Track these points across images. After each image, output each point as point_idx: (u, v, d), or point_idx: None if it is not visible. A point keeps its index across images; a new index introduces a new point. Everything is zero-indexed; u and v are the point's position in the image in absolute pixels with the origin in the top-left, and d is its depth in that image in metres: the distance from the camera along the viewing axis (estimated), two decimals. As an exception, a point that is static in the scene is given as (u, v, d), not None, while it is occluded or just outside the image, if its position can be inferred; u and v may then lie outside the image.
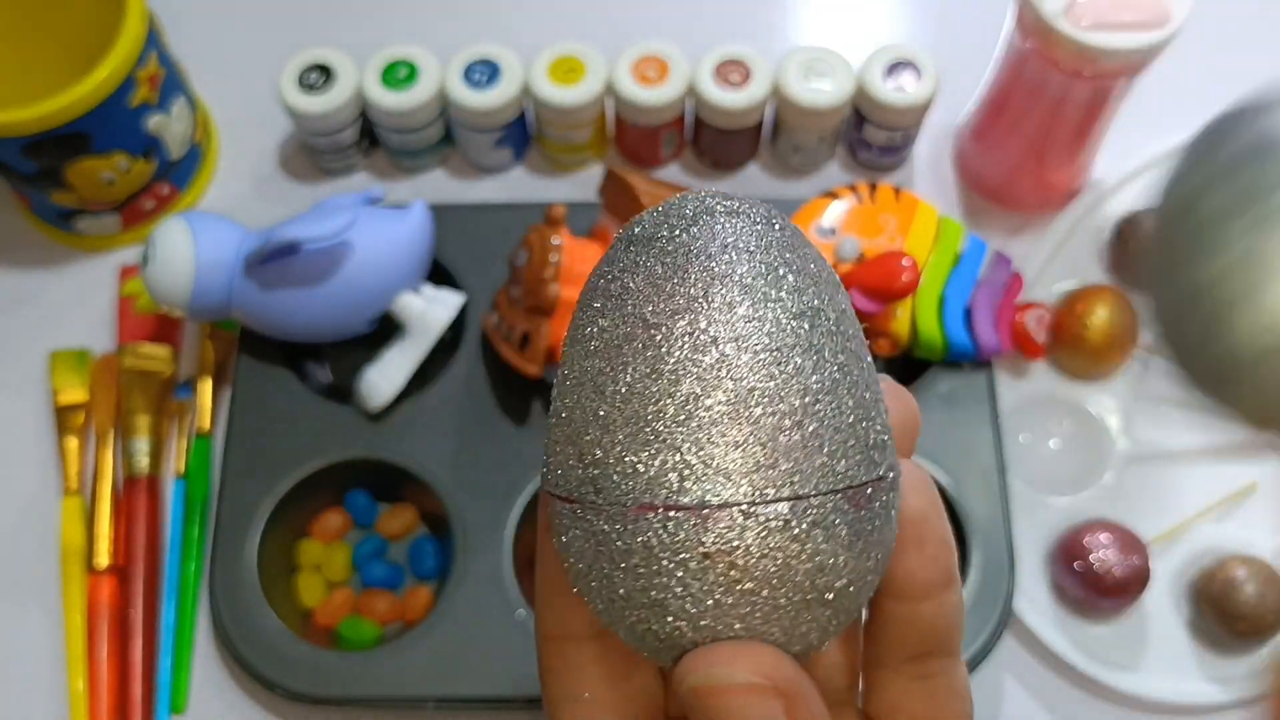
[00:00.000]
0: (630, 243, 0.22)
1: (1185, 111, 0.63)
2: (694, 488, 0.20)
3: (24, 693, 0.53)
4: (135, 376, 0.57)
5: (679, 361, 0.20)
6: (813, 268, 0.21)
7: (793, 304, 0.21)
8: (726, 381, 0.20)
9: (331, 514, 0.55)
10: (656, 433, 0.20)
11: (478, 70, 0.59)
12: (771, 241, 0.21)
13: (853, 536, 0.21)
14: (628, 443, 0.20)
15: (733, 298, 0.20)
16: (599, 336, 0.21)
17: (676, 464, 0.20)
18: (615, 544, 0.21)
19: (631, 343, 0.20)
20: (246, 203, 0.64)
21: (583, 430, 0.21)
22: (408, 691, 0.49)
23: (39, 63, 0.60)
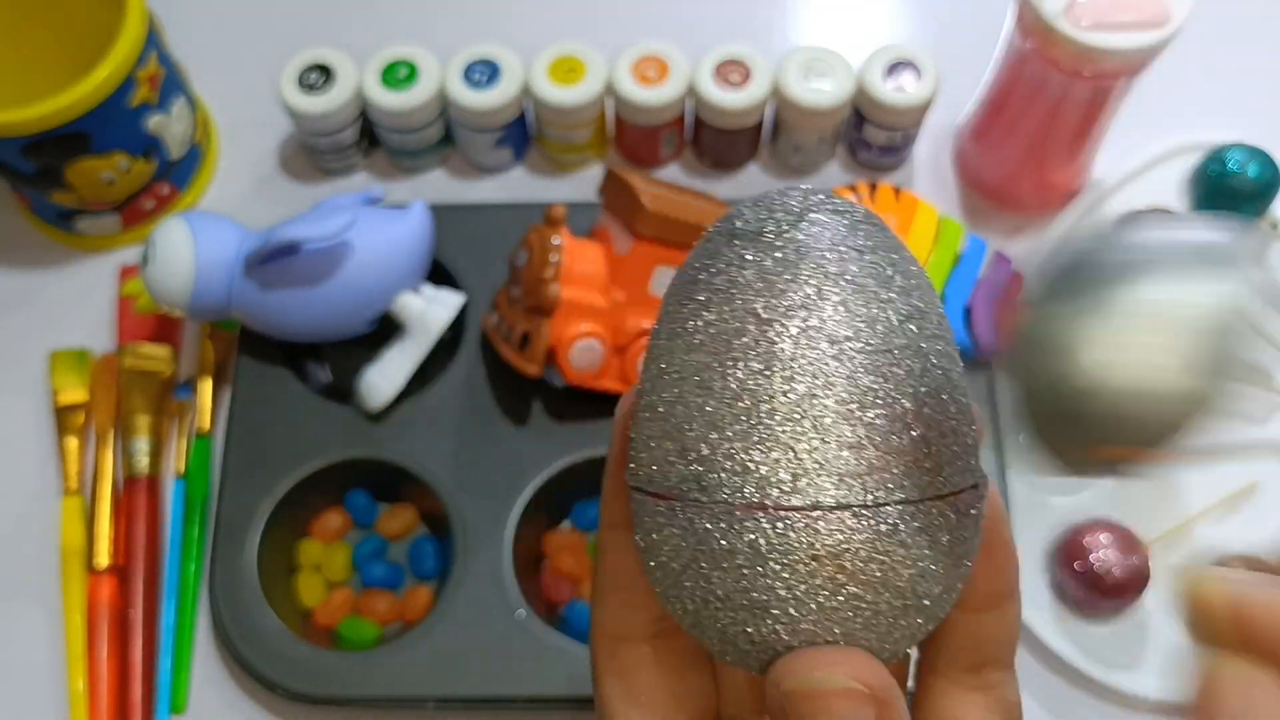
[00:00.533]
0: (733, 236, 0.21)
1: (1185, 111, 0.63)
2: (808, 488, 0.19)
3: (24, 693, 0.53)
4: (135, 376, 0.57)
5: (793, 358, 0.20)
6: (914, 269, 0.21)
7: (902, 305, 0.20)
8: (842, 380, 0.19)
9: (331, 514, 0.55)
10: (770, 430, 0.20)
11: (478, 70, 0.59)
12: (877, 243, 0.21)
13: (951, 543, 0.20)
14: (738, 440, 0.20)
15: (846, 297, 0.20)
16: (704, 330, 0.20)
17: (790, 463, 0.19)
18: (719, 543, 0.20)
19: (742, 337, 0.20)
20: (246, 203, 0.64)
21: (686, 425, 0.20)
22: (408, 691, 0.49)
23: (39, 63, 0.60)
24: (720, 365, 0.20)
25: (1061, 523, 0.53)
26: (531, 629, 0.50)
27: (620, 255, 0.50)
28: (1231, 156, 0.58)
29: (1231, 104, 0.65)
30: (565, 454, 0.53)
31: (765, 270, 0.20)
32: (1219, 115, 0.62)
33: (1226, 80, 0.66)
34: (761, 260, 0.20)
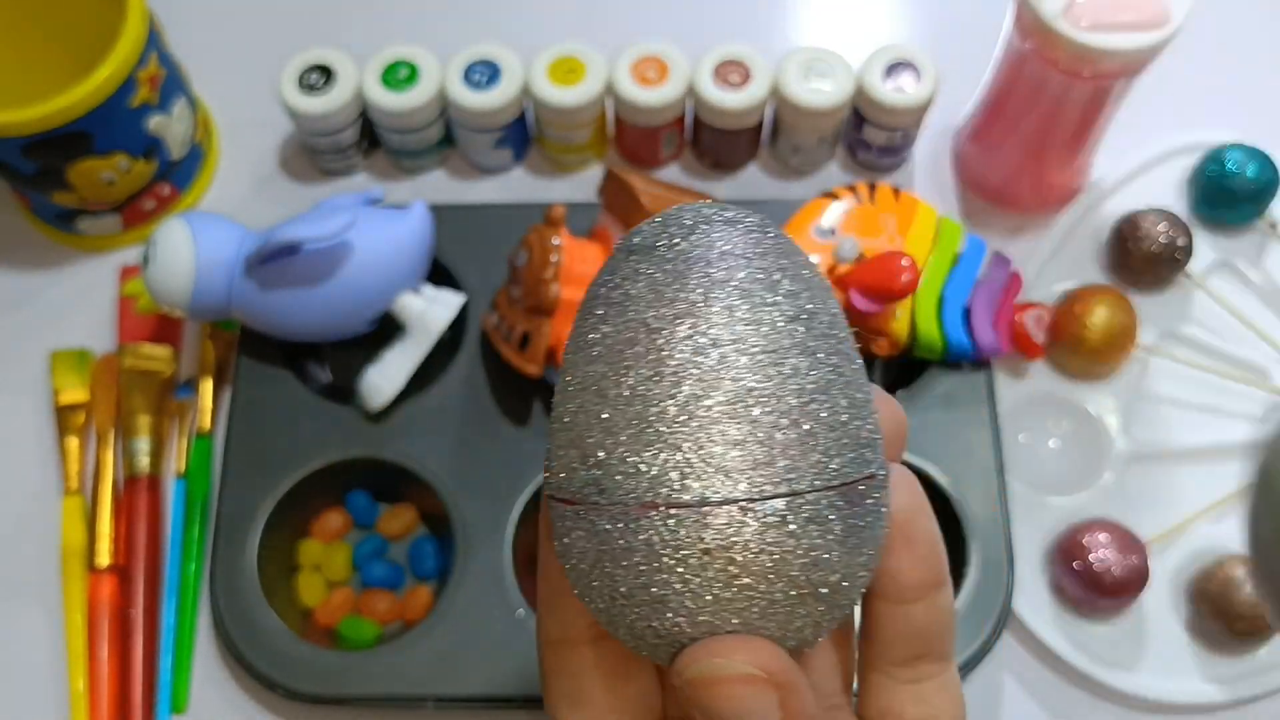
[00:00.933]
0: (630, 252, 0.22)
1: (1185, 112, 0.63)
2: (695, 485, 0.20)
3: (25, 692, 0.53)
4: (136, 376, 0.57)
5: (680, 364, 0.21)
6: (806, 273, 0.22)
7: (789, 307, 0.21)
8: (726, 382, 0.21)
9: (332, 514, 0.55)
10: (659, 433, 0.21)
11: (478, 71, 0.59)
12: (767, 249, 0.22)
13: (846, 532, 0.21)
14: (630, 443, 0.21)
15: (731, 302, 0.21)
16: (601, 343, 0.22)
17: (678, 463, 0.21)
18: (618, 543, 0.21)
19: (634, 347, 0.21)
20: (247, 203, 0.64)
21: (585, 433, 0.22)
22: (408, 691, 0.49)
23: (40, 63, 0.60)
24: (615, 374, 0.21)
25: (1060, 522, 0.54)
26: (531, 628, 0.50)
27: (620, 255, 0.50)
28: (1230, 157, 0.58)
29: (1230, 104, 0.65)
30: (565, 454, 0.53)
31: (655, 282, 0.21)
32: (1218, 116, 0.63)
33: (1225, 81, 0.66)
34: (653, 273, 0.22)
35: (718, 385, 0.21)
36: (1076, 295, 0.56)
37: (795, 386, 0.21)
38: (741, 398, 0.20)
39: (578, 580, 0.22)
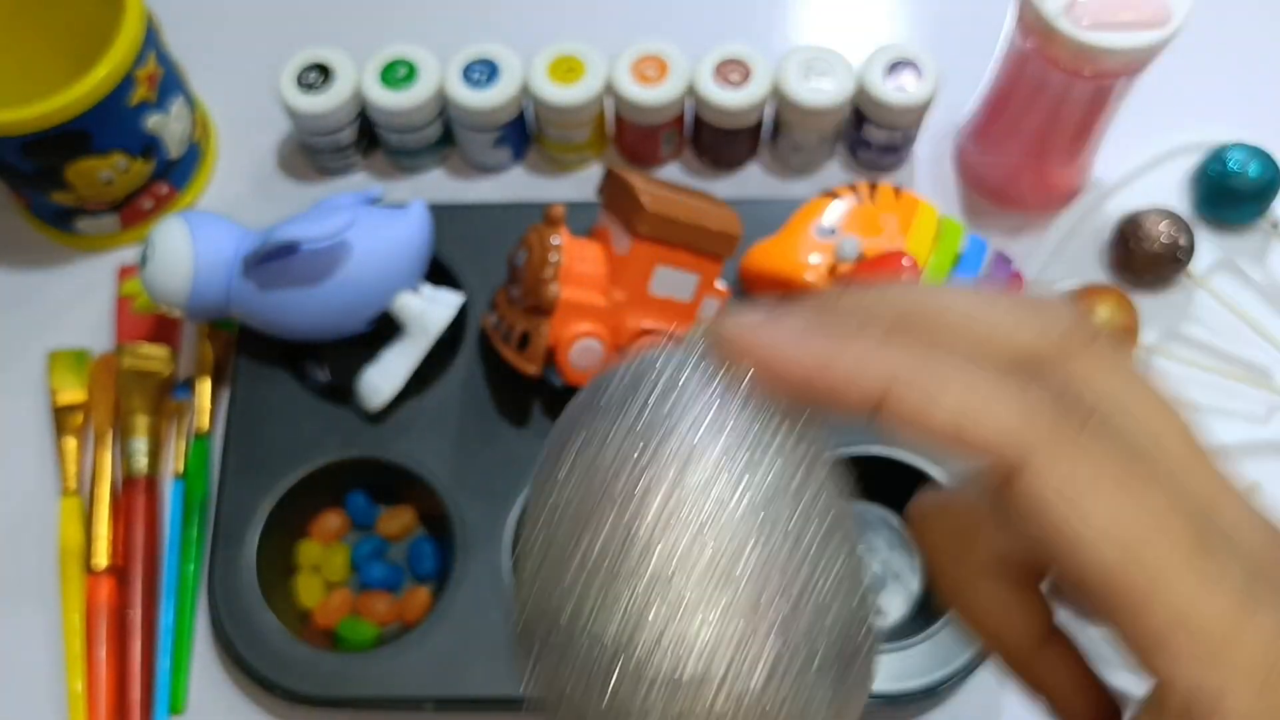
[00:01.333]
0: (598, 413, 0.21)
1: (1186, 111, 0.63)
2: (664, 659, 0.20)
3: (23, 693, 0.53)
4: (134, 377, 0.57)
5: (651, 539, 0.20)
6: (787, 442, 0.21)
7: (771, 483, 0.20)
8: (700, 562, 0.20)
9: (330, 515, 0.55)
10: (630, 602, 0.20)
11: (477, 69, 0.59)
12: (747, 417, 0.21)
13: (835, 690, 0.20)
14: (598, 612, 0.20)
15: (707, 478, 0.20)
16: (566, 507, 0.21)
17: (655, 633, 0.20)
18: (581, 696, 0.20)
19: (600, 516, 0.20)
20: (245, 202, 0.64)
21: (551, 589, 0.21)
22: (406, 692, 0.49)
23: (38, 62, 0.60)
24: (579, 540, 0.20)
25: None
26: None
27: (620, 255, 0.50)
28: (1232, 156, 0.58)
29: (1232, 103, 0.65)
30: (565, 454, 0.53)
31: (623, 450, 0.20)
32: (1220, 115, 0.62)
33: (1227, 80, 0.66)
34: (621, 441, 0.21)
35: (692, 563, 0.20)
36: (1078, 295, 0.56)
37: (786, 549, 0.20)
38: (718, 577, 0.20)
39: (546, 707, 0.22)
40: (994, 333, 0.20)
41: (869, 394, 0.19)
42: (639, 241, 0.49)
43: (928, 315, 0.20)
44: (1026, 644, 0.23)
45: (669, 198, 0.50)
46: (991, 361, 0.19)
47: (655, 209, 0.48)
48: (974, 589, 0.23)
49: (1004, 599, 0.23)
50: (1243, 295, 0.59)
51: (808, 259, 0.53)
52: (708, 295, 0.52)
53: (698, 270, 0.51)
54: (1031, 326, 0.20)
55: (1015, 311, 0.20)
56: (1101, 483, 0.18)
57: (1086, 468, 0.18)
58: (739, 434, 0.20)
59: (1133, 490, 0.18)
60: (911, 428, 0.19)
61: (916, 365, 0.19)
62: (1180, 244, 0.57)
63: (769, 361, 0.20)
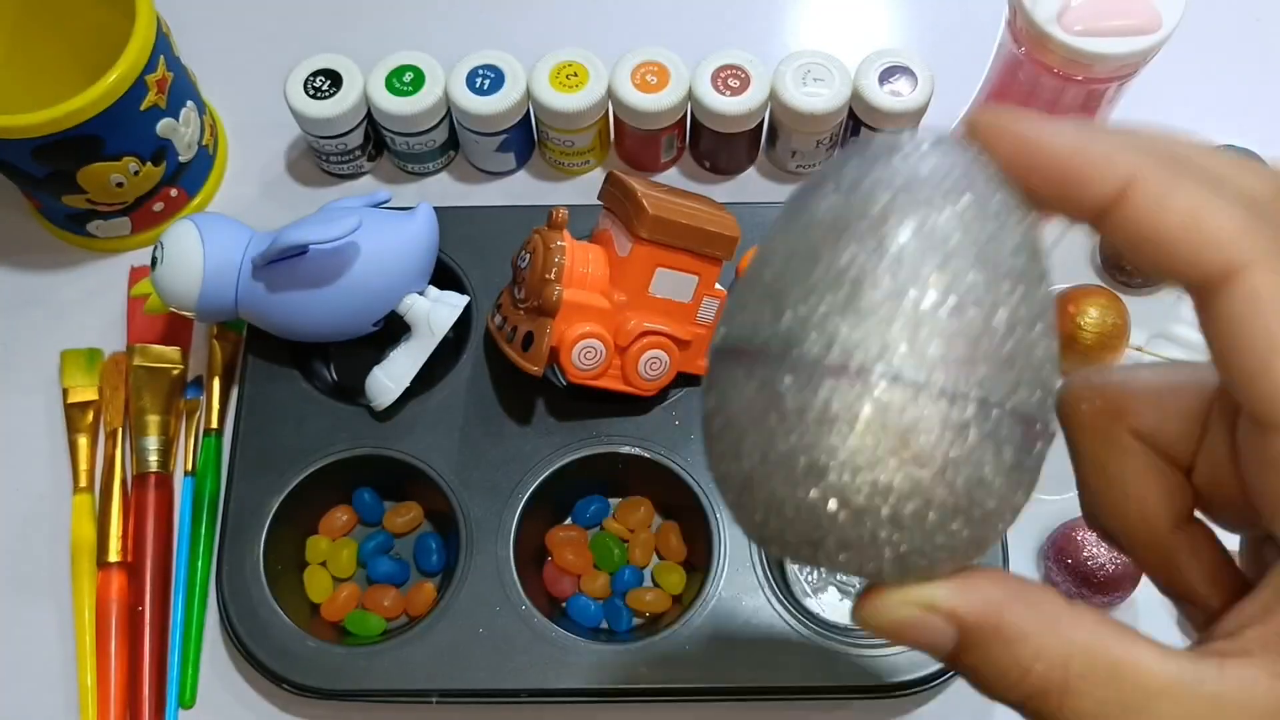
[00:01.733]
0: (877, 150, 0.22)
1: (1176, 115, 0.64)
2: (893, 362, 0.20)
3: (35, 687, 0.54)
4: (145, 376, 0.58)
5: (905, 250, 0.20)
6: (1034, 217, 0.22)
7: (1021, 237, 0.21)
8: (947, 279, 0.20)
9: (338, 511, 0.56)
10: (869, 306, 0.20)
11: (481, 76, 0.60)
12: (1009, 188, 0.22)
13: (1014, 464, 0.21)
14: (836, 309, 0.20)
15: (972, 214, 0.21)
16: (829, 211, 0.21)
17: (879, 338, 0.20)
18: (791, 401, 0.20)
19: (861, 221, 0.21)
20: (254, 206, 0.65)
21: (788, 290, 0.21)
22: (412, 685, 0.50)
23: (50, 68, 0.61)
24: (836, 242, 0.21)
25: (1053, 519, 0.54)
26: (534, 623, 0.51)
27: (621, 257, 0.51)
28: (1222, 160, 0.59)
29: (1222, 107, 0.65)
30: (568, 451, 0.54)
31: (891, 177, 0.21)
32: (1210, 119, 0.63)
33: (1217, 84, 0.67)
34: (889, 171, 0.21)
35: (938, 281, 0.20)
36: (1069, 295, 0.57)
37: (1009, 308, 0.21)
38: (959, 299, 0.20)
39: (725, 438, 0.22)
40: (1228, 170, 0.21)
41: (1113, 184, 0.20)
42: (640, 244, 0.50)
43: (1175, 144, 0.22)
44: (1166, 526, 0.24)
45: (669, 202, 0.51)
46: (1225, 190, 0.20)
47: (656, 212, 0.49)
48: (1120, 465, 0.24)
49: (1148, 477, 0.24)
50: (1232, 296, 0.60)
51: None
52: (707, 296, 0.53)
53: (697, 272, 0.52)
54: (1261, 175, 0.21)
55: (1249, 164, 0.22)
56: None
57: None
58: (1004, 198, 0.21)
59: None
60: (1144, 223, 0.20)
61: (1160, 163, 0.20)
62: (1171, 246, 0.57)
63: (1025, 142, 0.21)
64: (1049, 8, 0.50)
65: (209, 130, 0.65)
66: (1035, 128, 0.21)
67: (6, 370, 0.61)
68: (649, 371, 0.53)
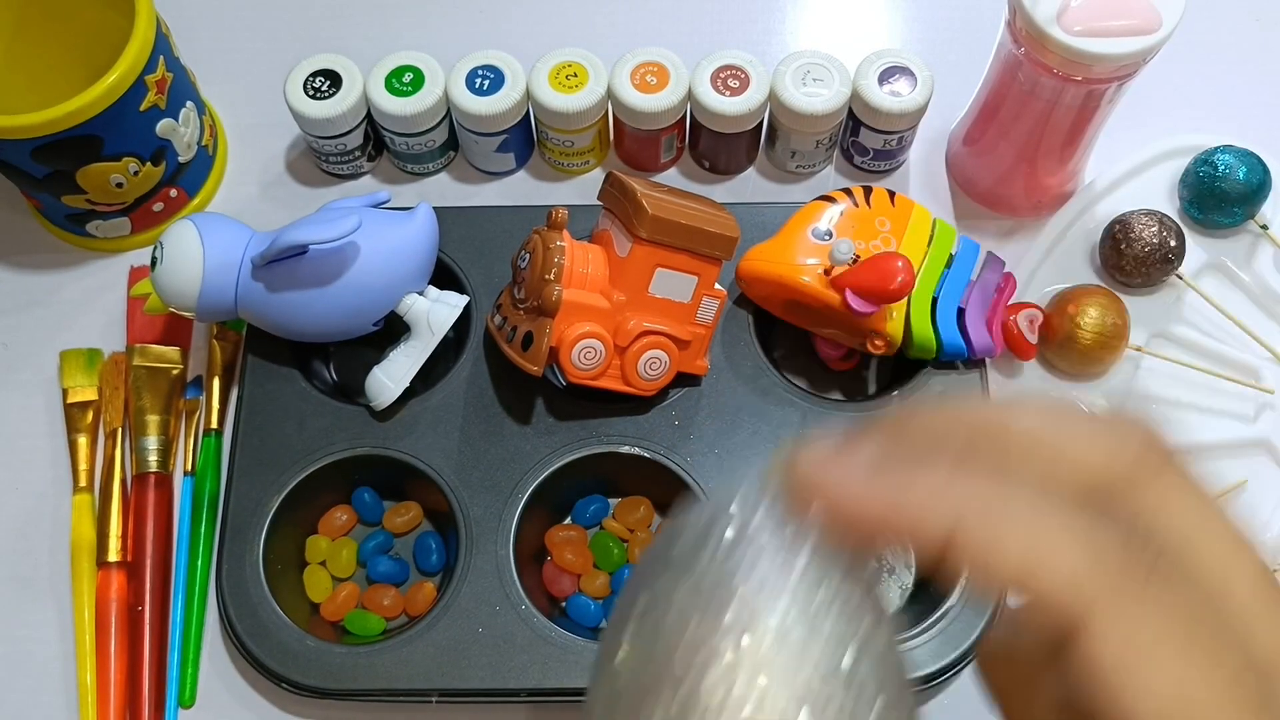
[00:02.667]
0: (667, 565, 0.21)
1: (1176, 115, 0.64)
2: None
3: (36, 686, 0.54)
4: (145, 376, 0.58)
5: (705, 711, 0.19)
6: (854, 600, 0.20)
7: (833, 645, 0.20)
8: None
9: (338, 511, 0.56)
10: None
11: (481, 76, 0.60)
12: (814, 573, 0.20)
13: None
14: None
15: (767, 643, 0.19)
16: (627, 670, 0.20)
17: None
18: None
19: (659, 689, 0.20)
20: (254, 206, 0.65)
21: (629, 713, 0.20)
22: (412, 684, 0.50)
23: (50, 68, 0.61)
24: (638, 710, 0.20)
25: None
26: (532, 624, 0.51)
27: (621, 257, 0.51)
28: (1221, 159, 0.59)
29: (1221, 107, 0.66)
30: (567, 451, 0.54)
31: (684, 611, 0.20)
32: (1209, 118, 0.63)
33: (1216, 84, 0.67)
34: (685, 601, 0.20)
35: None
36: (1069, 296, 0.57)
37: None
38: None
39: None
40: (1064, 455, 0.19)
41: (937, 535, 0.19)
42: (639, 244, 0.50)
43: (997, 437, 0.20)
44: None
45: (669, 202, 0.51)
46: (1061, 490, 0.19)
47: (655, 213, 0.49)
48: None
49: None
50: (1231, 296, 0.60)
51: (804, 261, 0.54)
52: (706, 296, 0.53)
53: (697, 272, 0.52)
54: (1103, 448, 0.19)
55: (1086, 431, 0.20)
56: (1162, 649, 0.17)
57: (1148, 631, 0.17)
58: (802, 598, 0.20)
59: (1194, 659, 0.17)
60: (978, 571, 0.19)
61: (983, 505, 0.19)
62: (1170, 245, 0.58)
63: (839, 504, 0.20)
64: (1048, 8, 0.50)
65: (209, 130, 0.65)
66: (847, 482, 0.20)
67: (6, 370, 0.61)
68: (648, 371, 0.53)
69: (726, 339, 0.57)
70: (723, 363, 0.56)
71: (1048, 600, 0.18)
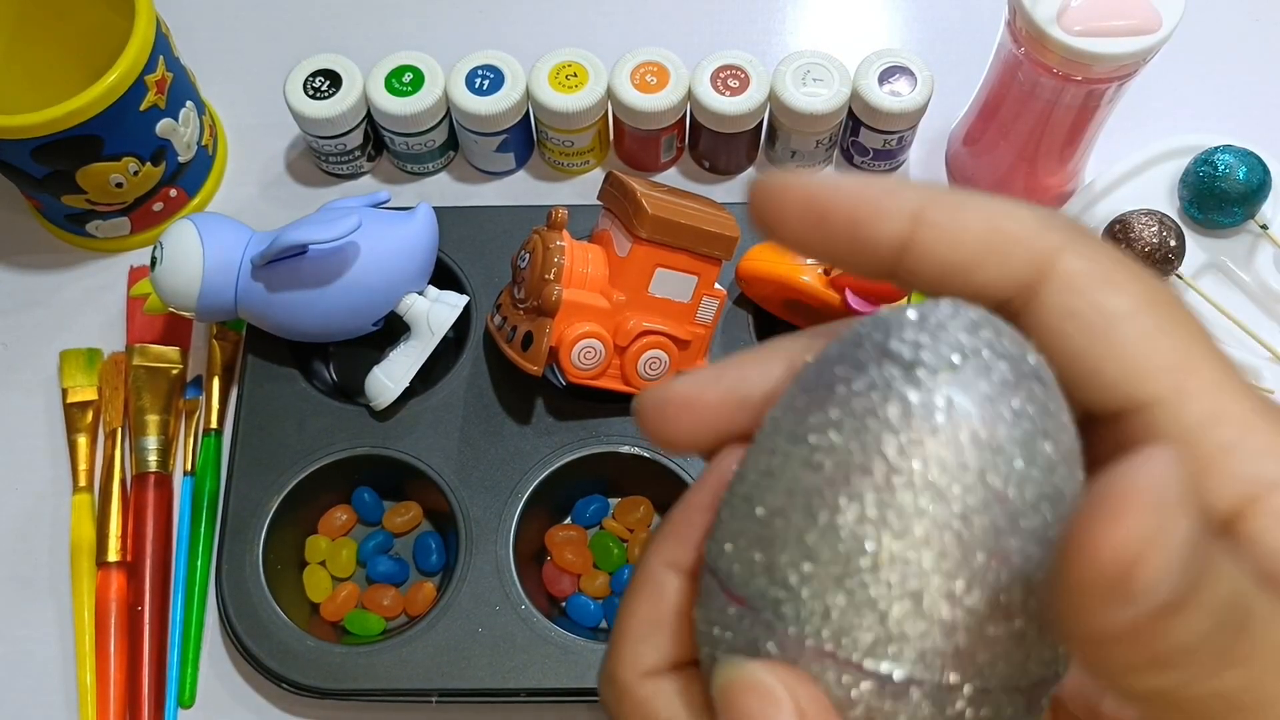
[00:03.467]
0: (885, 356, 0.19)
1: (1176, 114, 0.64)
2: (885, 655, 0.18)
3: (36, 686, 0.54)
4: (144, 376, 0.58)
5: (912, 516, 0.18)
6: (1065, 439, 0.19)
7: (1043, 484, 0.18)
8: (955, 553, 0.18)
9: (338, 511, 0.56)
10: (865, 585, 0.18)
11: (481, 76, 0.60)
12: (1037, 408, 0.19)
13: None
14: (829, 582, 0.18)
15: (986, 465, 0.18)
16: (829, 452, 0.19)
17: (874, 625, 0.18)
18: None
19: (866, 477, 0.18)
20: (254, 206, 0.65)
21: (780, 546, 0.19)
22: (412, 684, 0.50)
23: (49, 68, 0.61)
24: (834, 497, 0.18)
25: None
26: (533, 622, 0.51)
27: (620, 257, 0.51)
28: (1221, 159, 0.59)
29: (1221, 107, 0.66)
30: (567, 451, 0.54)
31: (909, 411, 0.18)
32: (1209, 118, 0.63)
33: (1216, 83, 0.67)
34: (908, 397, 0.18)
35: (946, 554, 0.18)
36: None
37: (1024, 578, 0.18)
38: (967, 576, 0.18)
39: (709, 666, 0.20)
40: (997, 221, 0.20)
41: (901, 218, 0.20)
42: (639, 244, 0.50)
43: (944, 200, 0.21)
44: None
45: (669, 202, 0.51)
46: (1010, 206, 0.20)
47: (655, 213, 0.49)
48: None
49: None
50: (1231, 296, 0.60)
51: (804, 261, 0.54)
52: (706, 296, 0.53)
53: (696, 272, 0.52)
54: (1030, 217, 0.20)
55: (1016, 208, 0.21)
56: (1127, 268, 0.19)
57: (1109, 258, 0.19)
58: (1026, 429, 0.19)
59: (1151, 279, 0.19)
60: (942, 246, 0.20)
61: (943, 194, 0.20)
62: (1170, 245, 0.58)
63: (810, 195, 0.20)
64: (1048, 8, 0.50)
65: (209, 130, 0.65)
66: (818, 181, 0.21)
67: (6, 370, 0.61)
68: (648, 371, 0.53)
69: (726, 339, 0.57)
70: (723, 363, 0.56)
71: (1014, 248, 0.19)
